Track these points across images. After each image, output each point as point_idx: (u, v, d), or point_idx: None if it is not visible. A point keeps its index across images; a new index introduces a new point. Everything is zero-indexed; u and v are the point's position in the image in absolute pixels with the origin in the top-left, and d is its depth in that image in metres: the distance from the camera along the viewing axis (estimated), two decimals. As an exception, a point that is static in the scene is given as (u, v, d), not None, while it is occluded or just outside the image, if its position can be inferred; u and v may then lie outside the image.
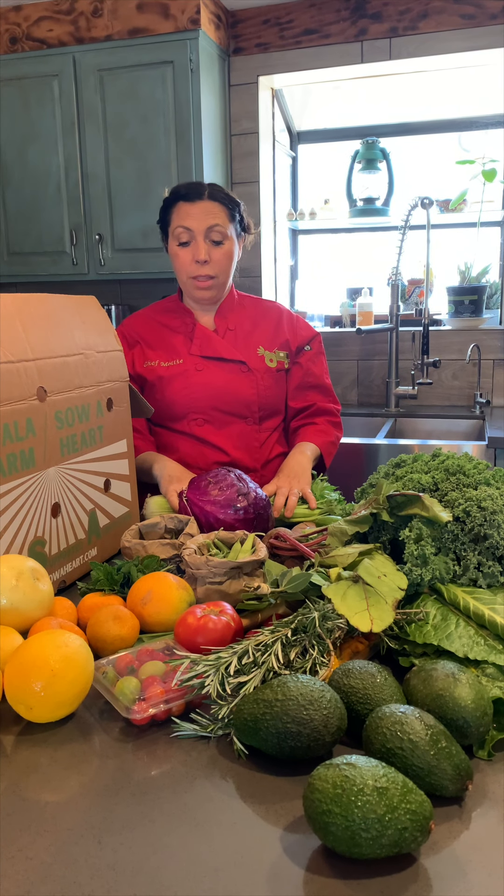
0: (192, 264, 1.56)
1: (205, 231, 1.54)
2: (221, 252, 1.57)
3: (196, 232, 1.54)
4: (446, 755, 0.61)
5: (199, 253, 1.54)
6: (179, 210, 1.55)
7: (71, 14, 2.83)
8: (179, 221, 1.55)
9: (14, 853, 0.59)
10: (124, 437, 1.27)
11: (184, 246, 1.56)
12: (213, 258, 1.56)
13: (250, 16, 2.96)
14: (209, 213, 1.54)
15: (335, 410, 1.76)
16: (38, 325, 1.06)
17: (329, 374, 1.79)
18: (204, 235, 1.54)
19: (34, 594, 0.87)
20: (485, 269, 3.14)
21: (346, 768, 0.56)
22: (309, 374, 1.72)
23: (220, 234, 1.55)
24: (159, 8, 2.71)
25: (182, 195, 1.56)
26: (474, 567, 0.85)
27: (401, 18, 2.81)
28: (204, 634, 0.82)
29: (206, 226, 1.54)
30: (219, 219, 1.54)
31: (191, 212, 1.54)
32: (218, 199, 1.56)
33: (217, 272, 1.58)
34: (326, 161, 3.46)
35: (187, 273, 1.58)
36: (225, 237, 1.56)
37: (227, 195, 1.58)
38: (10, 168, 3.00)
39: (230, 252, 1.58)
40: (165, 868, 0.57)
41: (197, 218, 1.54)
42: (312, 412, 1.73)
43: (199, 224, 1.54)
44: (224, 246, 1.57)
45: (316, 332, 1.77)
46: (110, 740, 0.73)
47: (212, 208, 1.54)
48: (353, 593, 0.82)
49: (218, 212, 1.55)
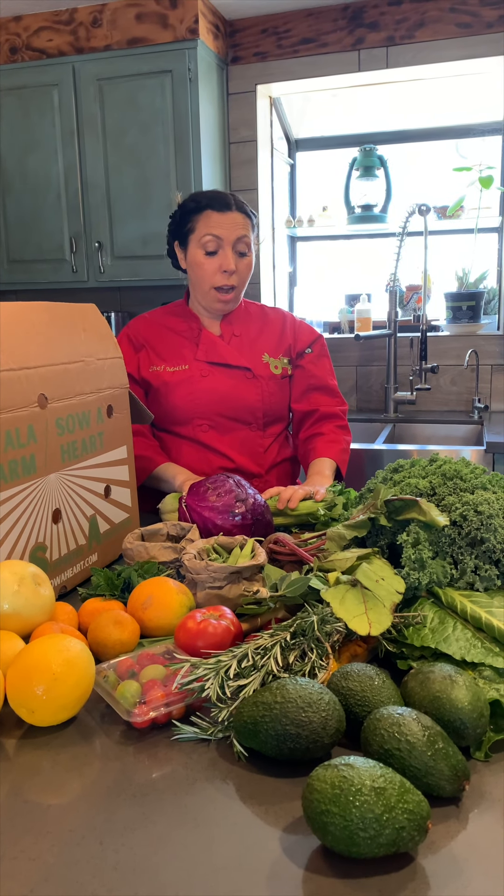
0: (217, 274, 1.57)
1: (233, 242, 1.56)
2: (245, 264, 1.60)
3: (226, 242, 1.56)
4: (443, 756, 0.62)
5: (228, 263, 1.56)
6: (209, 219, 1.55)
7: (70, 24, 2.85)
8: (208, 230, 1.55)
9: (17, 854, 0.59)
10: (124, 444, 1.28)
11: (211, 255, 1.58)
12: (239, 269, 1.59)
13: (248, 25, 2.99)
14: (238, 224, 1.56)
15: (341, 413, 1.74)
16: (39, 332, 1.07)
17: (335, 375, 1.77)
18: (232, 246, 1.56)
19: (36, 599, 0.88)
20: (482, 275, 3.16)
21: (345, 769, 0.57)
22: (312, 376, 1.72)
23: (246, 245, 1.58)
24: (158, 18, 2.73)
25: (210, 204, 1.56)
26: (471, 571, 0.86)
27: (398, 27, 2.83)
28: (204, 638, 0.83)
29: (236, 236, 1.56)
30: (246, 230, 1.58)
31: (222, 222, 1.55)
32: (244, 212, 1.59)
33: (239, 283, 1.61)
34: (324, 168, 3.49)
35: (211, 283, 1.59)
36: (249, 249, 1.59)
37: (249, 207, 1.62)
38: (11, 176, 3.02)
39: (251, 264, 1.62)
40: (166, 868, 0.57)
41: (227, 228, 1.55)
42: (318, 418, 1.71)
43: (230, 234, 1.55)
44: (248, 258, 1.60)
45: (318, 335, 1.76)
46: (111, 743, 0.74)
47: (240, 220, 1.57)
48: (352, 597, 0.82)
49: (245, 223, 1.58)
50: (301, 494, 1.32)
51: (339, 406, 1.74)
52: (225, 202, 1.57)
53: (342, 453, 1.66)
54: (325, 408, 1.72)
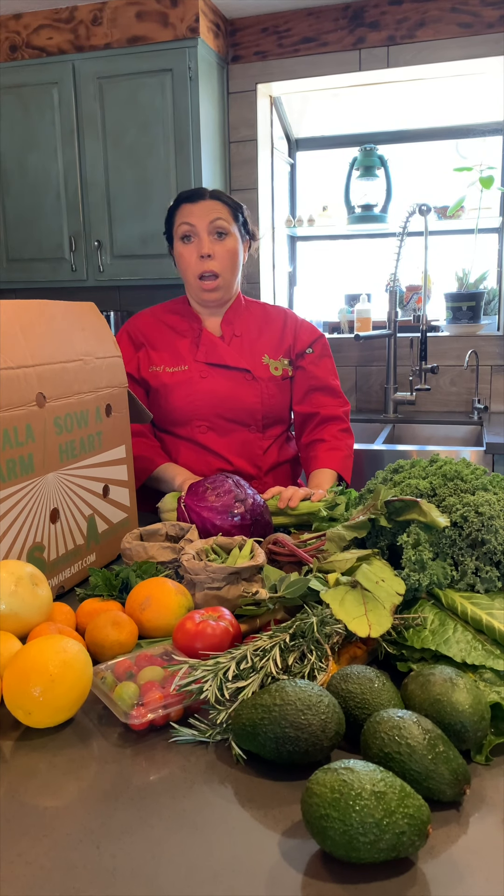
0: (196, 261, 1.57)
1: (207, 226, 1.56)
2: (224, 247, 1.58)
3: (198, 227, 1.56)
4: (444, 760, 0.61)
5: (202, 247, 1.56)
6: (182, 210, 1.58)
7: (70, 22, 2.85)
8: (182, 219, 1.57)
9: (13, 858, 0.59)
10: (123, 443, 1.28)
11: (186, 241, 1.58)
12: (217, 253, 1.57)
13: (249, 24, 2.98)
14: (211, 209, 1.56)
15: (343, 414, 1.71)
16: (37, 331, 1.06)
17: (337, 375, 1.75)
18: (207, 230, 1.56)
19: (33, 599, 0.87)
20: (482, 276, 3.15)
21: (344, 773, 0.57)
22: (313, 377, 1.69)
23: (222, 227, 1.56)
24: (158, 16, 2.73)
25: (185, 198, 1.59)
26: (472, 572, 0.86)
27: (398, 27, 2.83)
28: (202, 640, 0.82)
29: (209, 220, 1.56)
30: (221, 213, 1.57)
31: (193, 210, 1.57)
32: (219, 199, 1.59)
33: (221, 269, 1.58)
34: (325, 168, 3.48)
35: (193, 272, 1.59)
36: (228, 231, 1.57)
37: (229, 197, 1.62)
38: (10, 175, 3.02)
39: (234, 249, 1.59)
40: (164, 873, 0.57)
41: (199, 215, 1.56)
42: (319, 421, 1.68)
43: (201, 219, 1.56)
44: (227, 241, 1.58)
45: (319, 334, 1.74)
46: (109, 745, 0.73)
47: (214, 205, 1.57)
48: (352, 598, 0.82)
49: (220, 208, 1.57)
50: (301, 494, 1.32)
51: (341, 407, 1.71)
52: (198, 193, 1.59)
53: (345, 460, 1.64)
54: (326, 410, 1.69)
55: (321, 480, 1.56)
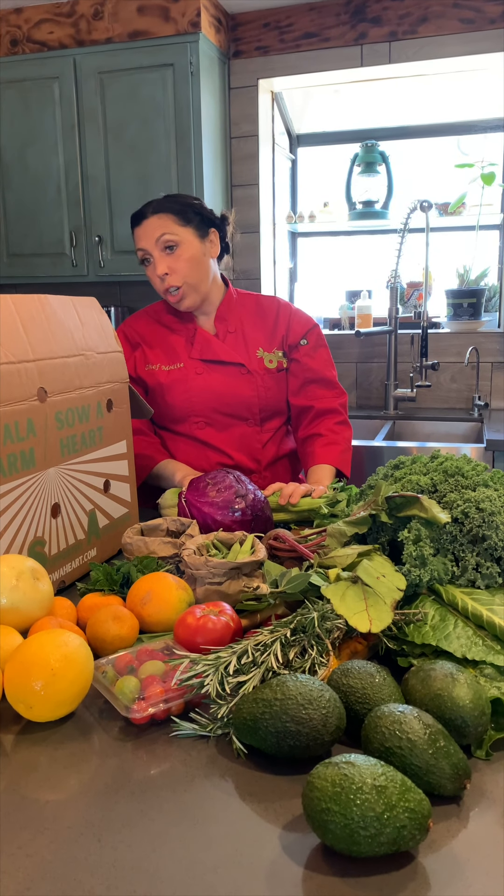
0: (158, 282, 1.58)
1: (155, 245, 1.55)
2: (179, 259, 1.56)
3: (149, 249, 1.56)
4: (444, 754, 0.62)
5: (158, 267, 1.56)
6: (135, 235, 1.58)
7: (71, 17, 2.84)
8: (137, 245, 1.58)
9: (14, 851, 0.59)
10: (124, 438, 1.28)
11: (147, 264, 1.59)
12: (172, 267, 1.56)
13: (250, 19, 2.98)
14: (155, 227, 1.55)
15: (340, 406, 1.70)
16: (38, 326, 1.06)
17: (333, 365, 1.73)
18: (158, 249, 1.55)
19: (34, 594, 0.87)
20: (483, 273, 3.15)
21: (345, 767, 0.57)
22: (308, 369, 1.68)
23: (170, 241, 1.54)
24: (160, 11, 2.72)
25: (132, 221, 1.59)
26: (473, 568, 0.86)
27: (400, 22, 2.82)
28: (203, 634, 0.82)
29: (154, 239, 1.55)
30: (165, 228, 1.54)
31: (140, 234, 1.57)
32: (161, 211, 1.56)
33: (181, 280, 1.57)
34: (326, 164, 3.47)
35: (159, 290, 1.61)
36: (177, 243, 1.55)
37: (174, 201, 1.58)
38: (11, 170, 3.01)
39: (190, 256, 1.57)
40: (165, 866, 0.57)
41: (145, 237, 1.56)
42: (315, 415, 1.67)
43: (148, 241, 1.56)
44: (178, 251, 1.56)
45: (313, 325, 1.72)
46: (110, 739, 0.74)
47: (156, 221, 1.55)
48: (352, 594, 0.82)
49: (163, 222, 1.55)
50: (302, 491, 1.32)
51: (337, 399, 1.70)
52: (140, 213, 1.58)
53: (343, 454, 1.63)
54: (321, 402, 1.67)
55: (321, 476, 1.56)
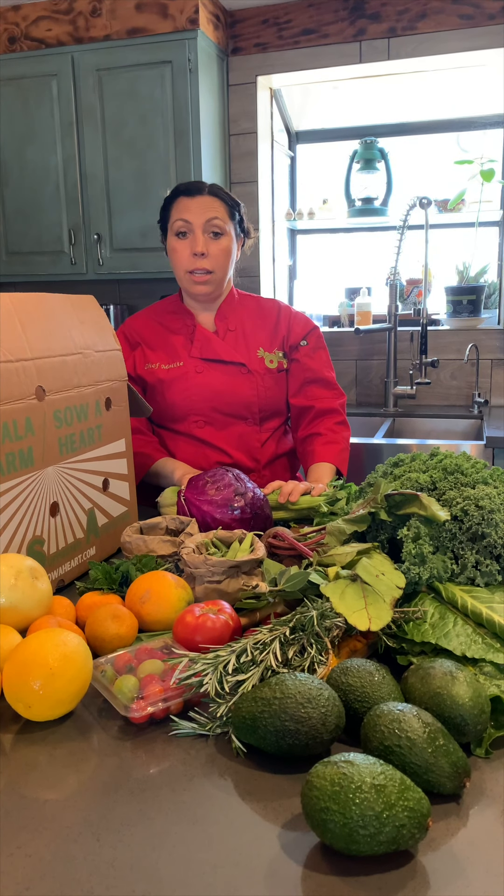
0: (189, 258, 1.56)
1: (203, 224, 1.54)
2: (219, 247, 1.56)
3: (195, 225, 1.54)
4: (444, 753, 0.62)
5: (196, 245, 1.54)
6: (179, 204, 1.56)
7: (69, 14, 2.83)
8: (178, 215, 1.55)
9: (13, 850, 0.59)
10: (123, 437, 1.27)
11: (181, 237, 1.57)
12: (211, 252, 1.55)
13: (249, 16, 2.97)
14: (208, 206, 1.54)
15: (339, 407, 1.70)
16: (36, 324, 1.06)
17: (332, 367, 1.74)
18: (202, 229, 1.54)
19: (33, 593, 0.87)
20: (483, 269, 3.15)
21: (344, 766, 0.57)
22: (307, 369, 1.68)
23: (218, 227, 1.54)
24: (158, 8, 2.71)
25: (182, 191, 1.57)
26: (472, 566, 0.85)
27: (399, 18, 2.81)
28: (202, 633, 0.82)
29: (205, 219, 1.54)
30: (218, 212, 1.55)
31: (190, 206, 1.54)
32: (218, 195, 1.57)
33: (214, 267, 1.57)
34: (325, 161, 3.47)
35: (184, 267, 1.58)
36: (223, 231, 1.56)
37: (227, 194, 1.59)
38: (9, 168, 3.01)
39: (228, 248, 1.57)
40: (164, 865, 0.57)
41: (196, 211, 1.54)
42: (315, 415, 1.67)
43: (198, 217, 1.54)
44: (222, 240, 1.56)
45: (313, 326, 1.72)
46: (109, 738, 0.73)
47: (211, 202, 1.55)
48: (352, 592, 0.82)
49: (217, 206, 1.55)
50: (302, 489, 1.32)
51: (336, 399, 1.70)
52: (196, 187, 1.56)
53: (341, 453, 1.63)
54: (321, 403, 1.68)
55: (320, 474, 1.56)
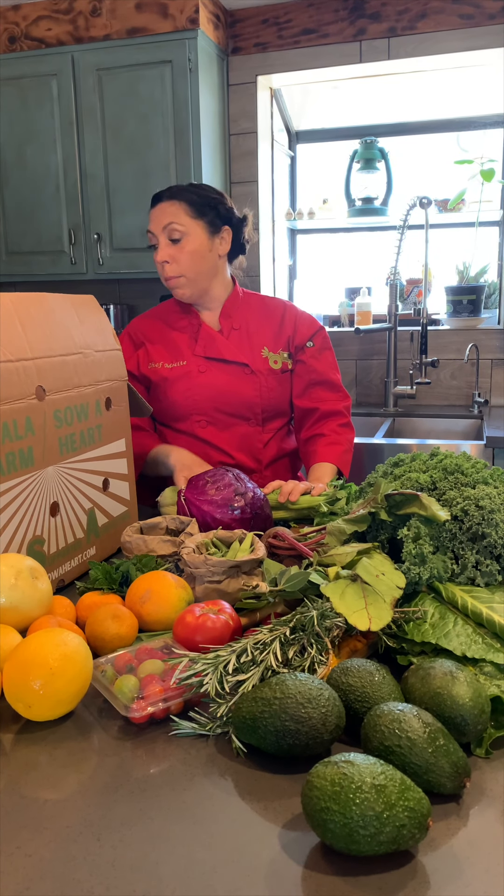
0: (160, 267, 1.58)
1: (161, 231, 1.55)
2: (181, 251, 1.55)
3: (156, 234, 1.56)
4: (444, 753, 0.62)
5: (159, 254, 1.56)
6: (149, 215, 1.58)
7: (69, 13, 2.83)
8: (148, 226, 1.58)
9: (13, 850, 0.59)
10: (123, 437, 1.27)
11: (153, 249, 1.59)
12: (174, 257, 1.55)
13: (249, 15, 2.97)
14: (165, 212, 1.54)
15: (344, 409, 1.69)
16: (36, 324, 1.06)
17: (338, 368, 1.73)
18: (164, 236, 1.55)
19: (33, 593, 0.87)
20: (483, 269, 3.15)
21: (345, 766, 0.57)
22: (313, 371, 1.68)
23: (176, 231, 1.54)
24: (158, 7, 2.71)
25: (152, 201, 1.59)
26: (472, 566, 0.85)
27: (399, 18, 2.81)
28: (202, 633, 0.82)
29: (162, 226, 1.54)
30: (175, 217, 1.53)
31: (152, 216, 1.57)
32: (178, 198, 1.55)
33: (181, 271, 1.56)
34: (325, 161, 3.47)
35: (161, 275, 1.60)
36: (183, 234, 1.54)
37: (194, 192, 1.56)
38: (9, 167, 3.00)
39: (193, 250, 1.55)
40: (164, 865, 0.57)
41: (155, 220, 1.56)
42: (319, 417, 1.67)
43: (157, 226, 1.55)
44: (183, 244, 1.55)
45: (319, 327, 1.71)
46: (109, 738, 0.73)
47: (168, 208, 1.54)
48: (352, 592, 0.82)
49: (175, 210, 1.54)
50: (302, 489, 1.32)
51: (341, 402, 1.70)
52: (158, 195, 1.58)
53: (344, 454, 1.63)
54: (326, 405, 1.67)
55: (321, 474, 1.56)
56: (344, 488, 1.32)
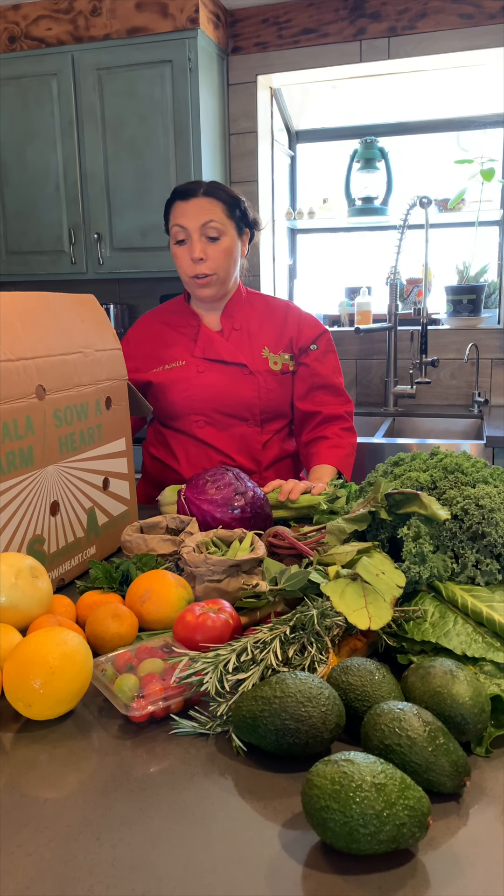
0: (189, 263, 1.55)
1: (199, 228, 1.53)
2: (218, 249, 1.55)
3: (191, 230, 1.53)
4: (444, 751, 0.62)
5: (194, 251, 1.53)
6: (176, 209, 1.55)
7: (70, 13, 2.83)
8: (175, 220, 1.55)
9: (13, 849, 0.59)
10: (123, 436, 1.27)
11: (181, 244, 1.56)
12: (210, 255, 1.55)
13: (249, 15, 2.97)
14: (203, 209, 1.53)
15: (346, 414, 1.69)
16: (36, 323, 1.06)
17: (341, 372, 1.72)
18: (199, 233, 1.53)
19: (33, 592, 0.87)
20: (483, 269, 3.15)
21: (345, 764, 0.57)
22: (316, 374, 1.67)
23: (215, 229, 1.53)
24: (158, 7, 2.71)
25: (178, 194, 1.56)
26: (472, 565, 0.85)
27: (399, 18, 2.81)
28: (202, 632, 0.82)
29: (201, 223, 1.53)
30: (214, 215, 1.53)
31: (186, 210, 1.53)
32: (214, 196, 1.54)
33: (215, 269, 1.56)
34: (325, 160, 3.47)
35: (187, 273, 1.57)
36: (221, 233, 1.54)
37: (225, 191, 1.57)
38: (9, 167, 3.00)
39: (228, 249, 1.56)
40: (164, 864, 0.57)
41: (191, 216, 1.53)
42: (321, 420, 1.66)
43: (193, 222, 1.53)
44: (220, 242, 1.55)
45: (323, 330, 1.71)
46: (109, 737, 0.73)
47: (206, 204, 1.53)
48: (352, 591, 0.82)
49: (213, 208, 1.53)
50: (302, 488, 1.32)
51: (343, 406, 1.69)
52: (190, 189, 1.55)
53: (346, 458, 1.63)
54: (328, 409, 1.67)
55: (322, 474, 1.55)
56: (344, 487, 1.32)
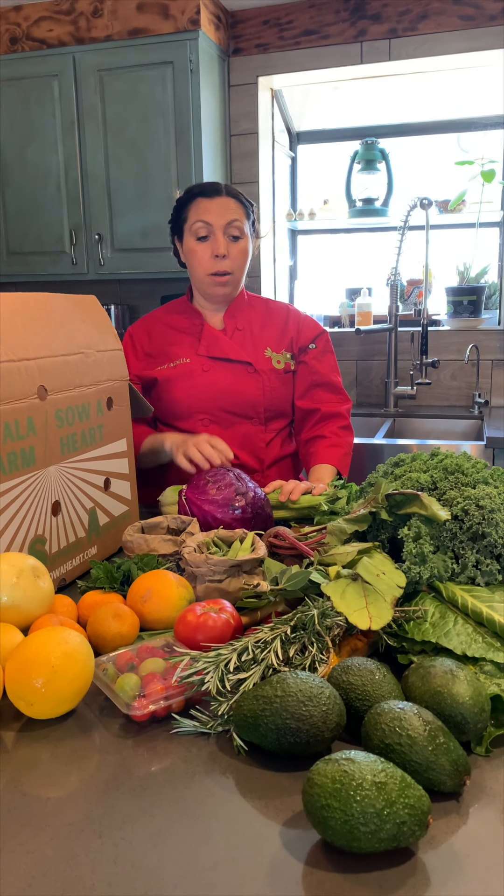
0: (210, 260, 1.57)
1: (224, 226, 1.55)
2: (238, 248, 1.58)
3: (215, 227, 1.55)
4: (444, 751, 0.62)
5: (218, 247, 1.55)
6: (198, 206, 1.57)
7: (71, 14, 2.83)
8: (198, 217, 1.56)
9: (15, 847, 0.59)
10: (124, 436, 1.28)
11: (202, 241, 1.58)
12: (231, 254, 1.58)
13: (250, 16, 2.97)
14: (228, 208, 1.56)
15: (345, 412, 1.71)
16: (38, 324, 1.06)
17: (339, 371, 1.75)
18: (223, 231, 1.56)
19: (35, 592, 0.87)
20: (483, 270, 3.15)
21: (345, 763, 0.57)
22: (315, 372, 1.69)
23: (238, 229, 1.56)
24: (159, 8, 2.72)
25: (199, 192, 1.58)
26: (472, 565, 0.86)
27: (400, 19, 2.82)
28: (204, 632, 0.82)
29: (226, 221, 1.55)
30: (237, 214, 1.56)
31: (210, 207, 1.55)
32: (235, 197, 1.58)
33: (234, 268, 1.59)
34: (326, 161, 3.47)
35: (205, 269, 1.59)
36: (242, 233, 1.58)
37: (242, 195, 1.61)
38: (10, 168, 3.01)
39: (246, 250, 1.60)
40: (165, 862, 0.57)
41: (216, 213, 1.55)
42: (320, 418, 1.68)
43: (219, 219, 1.55)
44: (241, 242, 1.58)
45: (322, 330, 1.73)
46: (110, 736, 0.74)
47: (230, 204, 1.56)
48: (352, 591, 0.82)
49: (236, 208, 1.57)
50: (303, 488, 1.32)
51: (342, 404, 1.71)
52: (214, 188, 1.57)
53: (344, 457, 1.64)
54: (327, 406, 1.68)
55: (322, 475, 1.56)
56: (344, 488, 1.32)
